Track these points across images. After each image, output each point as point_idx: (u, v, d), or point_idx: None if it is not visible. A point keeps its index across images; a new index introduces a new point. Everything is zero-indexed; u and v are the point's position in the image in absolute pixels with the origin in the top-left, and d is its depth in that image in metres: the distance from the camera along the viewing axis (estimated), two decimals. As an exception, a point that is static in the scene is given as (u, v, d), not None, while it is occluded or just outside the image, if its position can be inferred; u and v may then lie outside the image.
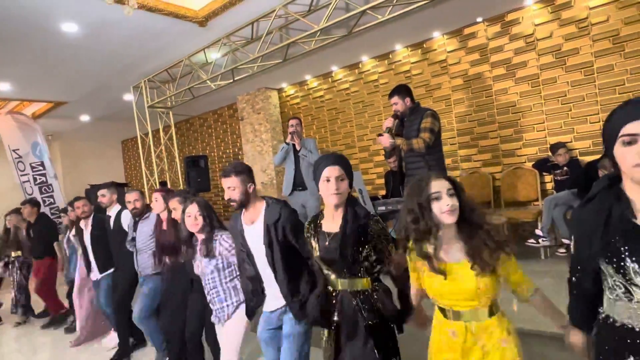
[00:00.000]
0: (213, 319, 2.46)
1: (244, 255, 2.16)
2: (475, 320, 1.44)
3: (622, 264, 1.09)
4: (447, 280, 1.42)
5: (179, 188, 6.82)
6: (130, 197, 3.87)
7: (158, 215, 3.16)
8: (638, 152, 1.04)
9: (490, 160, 5.40)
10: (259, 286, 2.17)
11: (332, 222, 1.77)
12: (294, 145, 4.51)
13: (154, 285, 3.28)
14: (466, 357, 1.45)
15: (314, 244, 1.80)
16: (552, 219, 4.19)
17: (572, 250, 1.28)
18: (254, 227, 2.11)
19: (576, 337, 1.37)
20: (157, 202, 3.12)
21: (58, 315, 5.00)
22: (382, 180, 5.92)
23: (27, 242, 5.11)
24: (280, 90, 7.74)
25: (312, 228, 1.84)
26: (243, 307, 2.36)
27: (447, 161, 5.76)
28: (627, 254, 1.07)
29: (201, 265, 2.42)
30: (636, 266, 1.07)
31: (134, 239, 3.42)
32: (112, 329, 4.01)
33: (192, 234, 2.49)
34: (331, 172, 1.71)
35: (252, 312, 2.28)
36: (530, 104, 5.01)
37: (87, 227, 3.99)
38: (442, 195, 1.41)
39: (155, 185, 6.24)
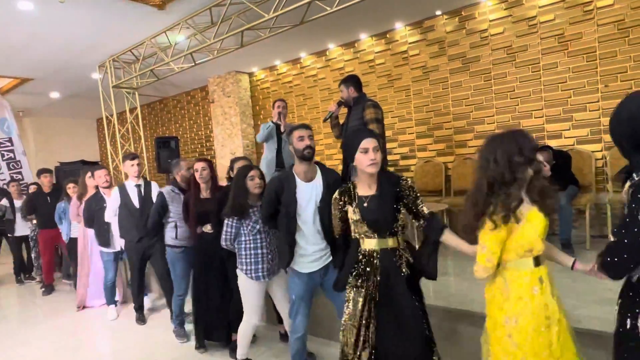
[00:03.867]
0: (267, 275, 2.63)
1: (293, 210, 2.29)
2: (544, 263, 1.62)
3: None
4: (536, 223, 1.55)
5: (145, 168, 6.93)
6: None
7: (196, 185, 3.16)
8: None
9: (444, 150, 5.61)
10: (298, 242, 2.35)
11: (367, 189, 1.96)
12: (277, 126, 4.52)
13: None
14: (551, 301, 1.57)
15: (351, 209, 1.96)
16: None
17: None
18: (310, 185, 2.30)
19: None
20: (205, 172, 3.12)
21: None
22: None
23: (46, 210, 5.24)
24: (251, 75, 7.80)
25: (345, 196, 2.00)
26: None
27: (405, 150, 5.99)
28: None
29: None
30: None
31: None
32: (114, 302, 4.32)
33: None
34: (369, 143, 1.89)
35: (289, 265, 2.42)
36: (482, 97, 5.21)
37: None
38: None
39: (120, 165, 6.32)
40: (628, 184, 1.38)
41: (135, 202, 3.80)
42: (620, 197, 1.48)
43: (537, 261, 1.60)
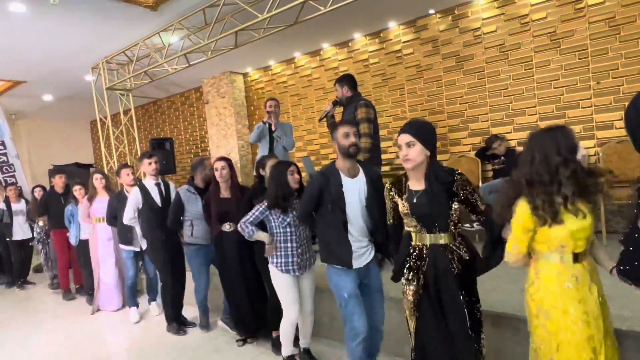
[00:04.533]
0: (296, 271, 2.65)
1: (342, 206, 2.25)
2: (588, 258, 1.61)
3: None
4: (574, 221, 1.53)
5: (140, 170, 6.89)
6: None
7: (217, 184, 3.19)
8: None
9: (439, 148, 5.62)
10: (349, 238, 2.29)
11: (417, 182, 1.91)
12: (270, 126, 4.51)
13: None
14: (591, 295, 1.57)
15: (401, 202, 1.93)
16: (486, 206, 4.47)
17: None
18: (355, 181, 2.29)
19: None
20: (225, 170, 3.14)
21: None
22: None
23: (61, 211, 5.05)
24: (245, 75, 7.79)
25: (396, 188, 1.98)
26: None
27: (400, 149, 6.01)
28: None
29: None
30: None
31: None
32: (134, 304, 4.22)
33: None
34: (401, 139, 1.87)
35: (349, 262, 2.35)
36: (476, 95, 5.24)
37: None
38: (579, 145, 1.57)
39: (115, 167, 6.29)
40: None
41: (158, 201, 3.70)
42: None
43: (577, 258, 1.58)
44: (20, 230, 5.80)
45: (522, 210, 1.59)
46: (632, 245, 1.33)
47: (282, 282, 2.67)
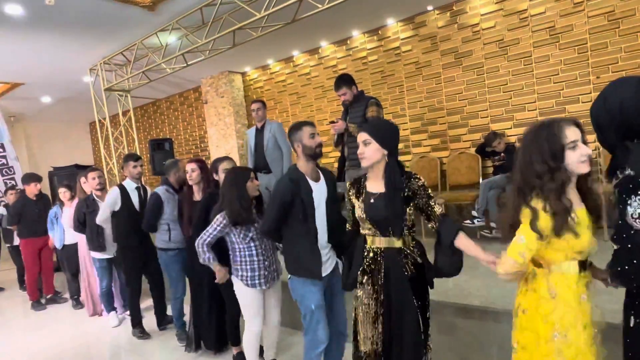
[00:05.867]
0: (262, 285, 2.49)
1: (312, 213, 2.17)
2: (589, 270, 1.44)
3: None
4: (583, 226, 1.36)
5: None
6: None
7: (190, 187, 3.09)
8: None
9: (439, 145, 5.62)
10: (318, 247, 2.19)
11: (375, 184, 1.89)
12: (257, 128, 4.50)
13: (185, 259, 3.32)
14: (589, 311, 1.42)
15: (358, 203, 1.91)
16: (487, 201, 4.46)
17: None
18: (319, 184, 2.24)
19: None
20: (195, 173, 3.02)
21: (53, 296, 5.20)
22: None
23: (35, 218, 4.96)
24: (244, 74, 7.77)
25: (354, 188, 1.96)
26: None
27: (400, 146, 5.98)
28: None
29: None
30: None
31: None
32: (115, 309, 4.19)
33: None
34: (359, 137, 1.87)
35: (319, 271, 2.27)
36: (475, 91, 5.22)
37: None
38: (579, 143, 1.34)
39: (115, 168, 6.29)
40: (614, 182, 1.31)
41: (136, 204, 3.66)
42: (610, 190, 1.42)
43: (584, 265, 1.42)
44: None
45: (538, 213, 1.35)
46: (626, 243, 1.24)
47: (247, 296, 2.51)
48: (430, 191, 1.90)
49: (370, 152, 1.84)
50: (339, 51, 6.45)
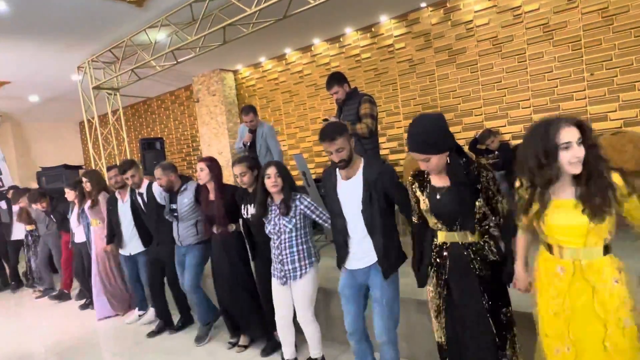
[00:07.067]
0: (278, 279, 2.53)
1: (337, 208, 2.18)
2: (587, 259, 1.45)
3: None
4: (559, 216, 1.44)
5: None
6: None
7: (204, 185, 3.07)
8: None
9: (433, 143, 5.57)
10: (345, 240, 2.22)
11: (439, 179, 1.80)
12: (251, 130, 4.30)
13: (200, 254, 3.30)
14: (574, 295, 1.46)
15: (422, 198, 1.84)
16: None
17: None
18: (350, 183, 2.15)
19: None
20: (203, 172, 3.00)
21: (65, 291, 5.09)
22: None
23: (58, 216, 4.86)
24: (235, 72, 7.68)
25: (417, 182, 1.88)
26: (315, 268, 2.54)
27: (394, 144, 5.96)
28: None
29: (279, 224, 2.48)
30: None
31: (172, 210, 3.31)
32: (136, 306, 4.06)
33: (267, 195, 2.54)
34: (415, 157, 1.77)
35: (342, 263, 2.28)
36: (469, 89, 5.18)
37: (125, 198, 3.73)
38: (573, 145, 1.36)
39: (103, 167, 6.17)
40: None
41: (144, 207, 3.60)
42: None
43: (564, 252, 1.54)
44: (18, 231, 5.66)
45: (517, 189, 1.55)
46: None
47: (272, 284, 2.62)
48: (499, 183, 1.81)
49: (433, 165, 1.73)
50: (332, 49, 6.38)
